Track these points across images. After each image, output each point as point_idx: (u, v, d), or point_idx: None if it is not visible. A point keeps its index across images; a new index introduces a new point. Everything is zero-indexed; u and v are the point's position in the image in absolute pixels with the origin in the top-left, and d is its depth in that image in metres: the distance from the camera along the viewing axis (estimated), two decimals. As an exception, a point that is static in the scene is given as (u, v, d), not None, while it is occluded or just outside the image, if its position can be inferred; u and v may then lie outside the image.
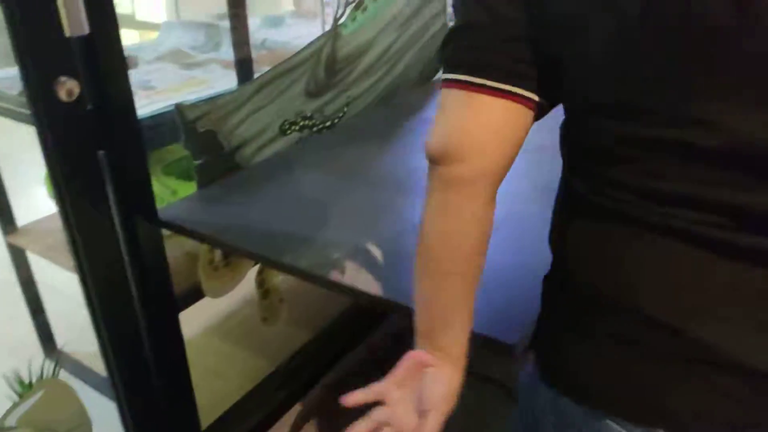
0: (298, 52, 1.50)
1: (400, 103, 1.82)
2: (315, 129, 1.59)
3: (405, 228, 1.13)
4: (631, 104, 0.52)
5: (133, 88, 1.25)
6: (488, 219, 0.64)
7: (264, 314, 1.59)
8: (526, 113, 0.59)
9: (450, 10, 2.35)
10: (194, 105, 1.26)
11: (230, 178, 1.36)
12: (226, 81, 1.52)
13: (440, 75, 0.59)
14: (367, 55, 1.71)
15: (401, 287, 0.96)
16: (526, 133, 0.61)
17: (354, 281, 0.99)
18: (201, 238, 1.15)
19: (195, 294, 1.43)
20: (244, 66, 1.45)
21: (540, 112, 0.61)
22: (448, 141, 0.60)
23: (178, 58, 1.72)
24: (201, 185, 1.31)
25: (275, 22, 2.11)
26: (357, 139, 1.58)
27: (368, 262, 1.03)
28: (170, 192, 1.52)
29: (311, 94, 1.56)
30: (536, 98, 0.59)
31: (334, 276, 1.00)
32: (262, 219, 1.18)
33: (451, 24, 0.62)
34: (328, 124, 1.63)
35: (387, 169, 1.39)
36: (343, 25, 1.60)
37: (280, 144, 1.50)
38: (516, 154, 0.61)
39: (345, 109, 1.68)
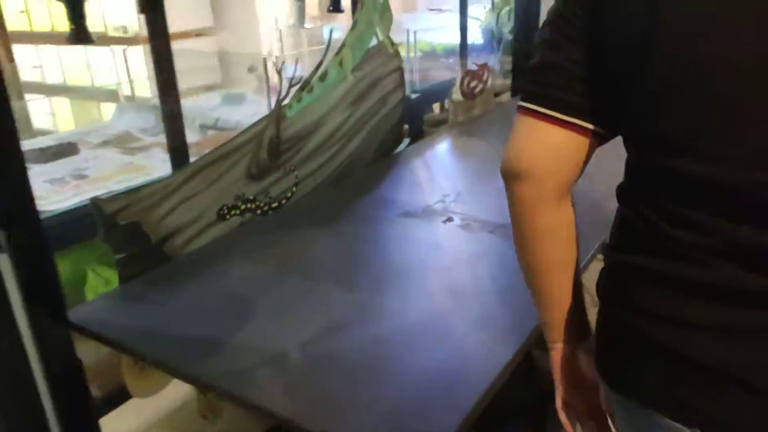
0: (237, 136, 1.46)
1: (354, 180, 1.77)
2: (259, 212, 1.53)
3: (336, 327, 1.04)
4: (667, 139, 0.59)
5: (65, 178, 1.18)
6: (564, 225, 0.73)
7: (203, 411, 1.48)
8: (584, 141, 0.67)
9: (411, 77, 2.34)
10: (114, 197, 1.20)
11: (156, 270, 1.28)
12: (165, 166, 1.47)
13: (401, 148, 0.57)
14: (316, 135, 1.66)
15: (320, 405, 0.87)
16: (587, 157, 0.69)
17: (262, 397, 0.89)
18: (108, 342, 1.06)
19: (124, 394, 1.33)
20: (178, 151, 1.40)
21: (600, 140, 0.69)
22: (518, 162, 0.70)
23: (124, 141, 1.69)
24: (122, 280, 1.23)
25: (235, 99, 2.09)
26: (304, 221, 1.51)
27: (285, 373, 0.94)
28: (104, 282, 1.44)
29: (253, 176, 1.50)
30: (593, 128, 0.67)
31: (242, 390, 0.90)
32: (180, 320, 1.09)
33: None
34: (274, 205, 1.57)
35: (328, 257, 1.32)
36: (287, 106, 1.56)
37: (218, 230, 1.43)
38: (578, 175, 0.70)
39: (294, 189, 1.62)
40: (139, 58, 4.54)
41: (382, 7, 1.77)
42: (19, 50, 5.36)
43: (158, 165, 1.56)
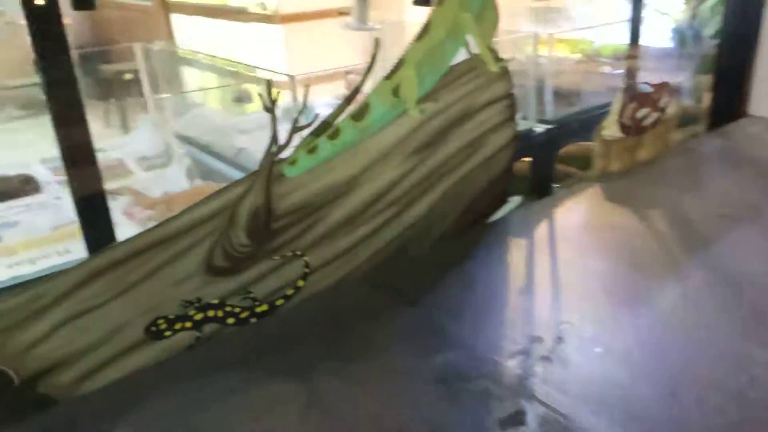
0: (190, 209, 0.92)
1: (400, 273, 1.14)
2: (232, 321, 0.99)
3: None
4: None
5: None
6: None
7: None
8: None
9: (542, 100, 1.62)
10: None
11: (13, 427, 0.80)
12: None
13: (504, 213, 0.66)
14: (344, 202, 1.07)
15: None
16: None
17: None
18: None
19: None
20: (90, 220, 0.90)
21: None
22: None
23: (109, 174, 1.25)
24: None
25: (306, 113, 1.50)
26: (286, 350, 0.94)
27: None
28: None
29: (219, 270, 0.96)
30: None
31: None
32: None
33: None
34: (261, 309, 1.01)
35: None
36: (290, 161, 0.99)
37: (153, 354, 0.92)
38: None
39: (300, 283, 1.05)
40: (278, 39, 4.24)
41: (479, 2, 1.10)
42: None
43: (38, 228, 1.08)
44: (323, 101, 1.79)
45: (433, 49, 1.09)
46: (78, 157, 0.96)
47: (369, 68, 1.04)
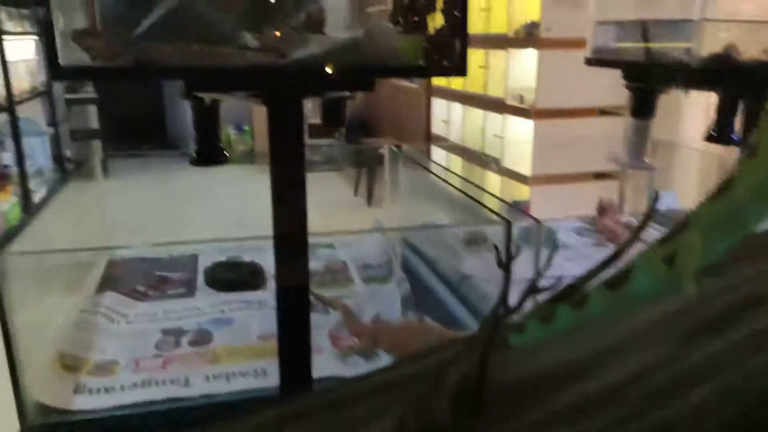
0: (398, 365, 0.80)
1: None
2: (414, 500, 0.83)
3: None
4: None
5: (184, 336, 0.79)
6: None
7: None
8: None
9: None
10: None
11: None
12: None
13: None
14: (576, 384, 0.85)
15: None
16: None
17: None
18: None
19: None
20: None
21: None
22: None
23: (330, 278, 1.19)
24: None
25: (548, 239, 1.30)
26: None
27: None
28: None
29: (411, 441, 0.81)
30: None
31: None
32: None
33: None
34: (451, 493, 0.84)
35: None
36: (517, 327, 0.81)
37: None
38: None
39: (503, 472, 0.85)
40: (527, 136, 4.13)
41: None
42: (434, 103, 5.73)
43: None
44: (566, 225, 1.58)
45: (731, 212, 0.84)
46: (288, 252, 0.89)
47: (640, 228, 0.83)
